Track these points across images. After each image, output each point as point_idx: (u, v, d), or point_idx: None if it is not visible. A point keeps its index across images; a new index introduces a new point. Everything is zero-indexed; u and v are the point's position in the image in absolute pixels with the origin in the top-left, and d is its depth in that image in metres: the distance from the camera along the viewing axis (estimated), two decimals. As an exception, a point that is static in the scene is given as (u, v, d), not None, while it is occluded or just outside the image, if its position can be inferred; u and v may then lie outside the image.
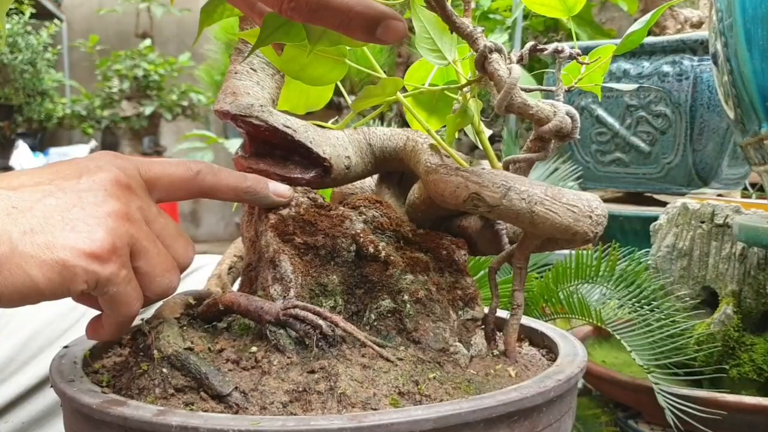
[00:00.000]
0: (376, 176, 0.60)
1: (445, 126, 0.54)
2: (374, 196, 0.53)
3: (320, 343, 0.43)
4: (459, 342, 0.48)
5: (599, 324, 0.89)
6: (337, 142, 0.53)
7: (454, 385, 0.43)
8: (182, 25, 4.40)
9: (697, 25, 1.31)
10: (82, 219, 0.38)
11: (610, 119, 1.26)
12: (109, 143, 3.90)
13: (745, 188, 1.52)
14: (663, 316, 0.88)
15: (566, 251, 1.11)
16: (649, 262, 0.99)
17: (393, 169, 0.57)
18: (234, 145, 2.66)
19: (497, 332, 0.54)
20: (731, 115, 0.72)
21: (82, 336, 0.51)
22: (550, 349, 0.55)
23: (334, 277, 0.47)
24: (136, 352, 0.45)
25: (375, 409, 0.39)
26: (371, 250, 0.48)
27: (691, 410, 0.77)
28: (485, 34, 0.45)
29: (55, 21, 3.65)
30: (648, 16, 0.48)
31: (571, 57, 0.46)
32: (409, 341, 0.46)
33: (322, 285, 0.47)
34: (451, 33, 0.45)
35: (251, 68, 0.51)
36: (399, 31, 0.38)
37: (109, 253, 0.38)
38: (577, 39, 1.56)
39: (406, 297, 0.47)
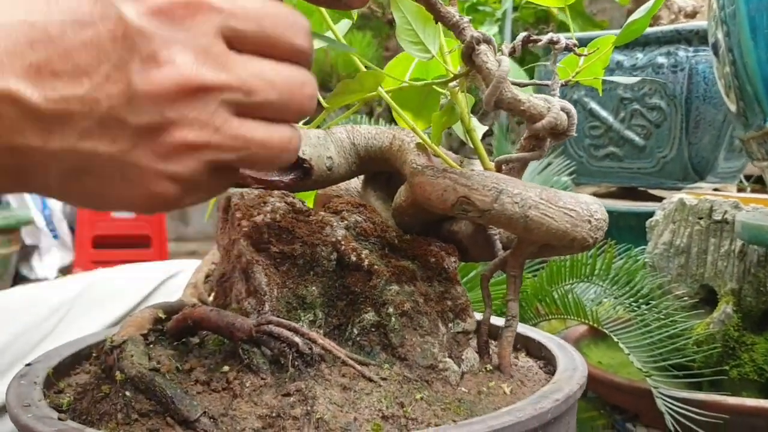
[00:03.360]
0: (362, 177, 0.57)
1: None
2: (357, 200, 0.50)
3: (296, 363, 0.39)
4: (449, 357, 0.45)
5: (595, 325, 0.86)
6: (317, 142, 0.49)
7: (443, 406, 0.40)
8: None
9: (691, 15, 1.28)
10: None
11: (603, 113, 1.23)
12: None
13: (740, 180, 1.50)
14: (661, 316, 0.86)
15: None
16: (645, 259, 0.96)
17: (378, 169, 0.54)
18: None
19: (491, 342, 0.51)
20: (733, 108, 0.69)
21: (50, 351, 0.48)
22: (548, 361, 0.52)
23: (314, 288, 0.44)
24: (99, 373, 0.41)
25: None
26: (353, 258, 0.45)
27: (690, 414, 0.74)
28: (473, 27, 0.42)
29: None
30: (649, 3, 0.45)
31: (568, 48, 0.43)
32: (394, 358, 0.43)
33: (301, 297, 0.44)
34: (436, 23, 0.42)
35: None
36: None
37: None
38: (569, 30, 1.54)
39: (390, 309, 0.44)
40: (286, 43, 0.31)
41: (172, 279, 0.78)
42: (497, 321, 0.54)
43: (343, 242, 0.45)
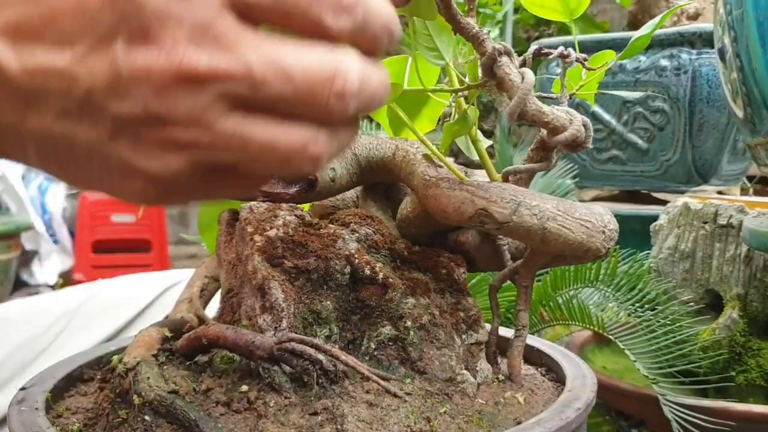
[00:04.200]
0: (358, 187, 0.56)
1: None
2: (363, 212, 0.49)
3: (321, 380, 0.39)
4: (466, 369, 0.45)
5: (601, 331, 0.85)
6: None
7: (465, 419, 0.40)
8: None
9: (694, 17, 1.27)
10: None
11: (606, 116, 1.23)
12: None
13: (743, 182, 1.49)
14: (667, 322, 0.85)
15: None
16: (650, 264, 0.96)
17: (379, 180, 0.53)
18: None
19: (497, 353, 0.51)
20: (740, 114, 0.68)
21: (43, 373, 0.47)
22: (549, 368, 0.52)
23: (328, 303, 0.43)
24: (112, 397, 0.40)
25: None
26: (367, 272, 0.44)
27: (698, 420, 0.74)
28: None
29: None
30: (657, 19, 0.45)
31: (577, 61, 0.43)
32: (413, 372, 0.43)
33: (316, 312, 0.43)
34: (455, 33, 0.42)
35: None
36: None
37: None
38: (570, 33, 1.53)
39: (408, 323, 0.43)
40: (316, 19, 0.24)
41: (170, 290, 0.78)
42: (503, 331, 0.54)
43: (356, 255, 0.45)
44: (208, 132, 0.24)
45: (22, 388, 0.44)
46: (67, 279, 2.60)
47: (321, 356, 0.39)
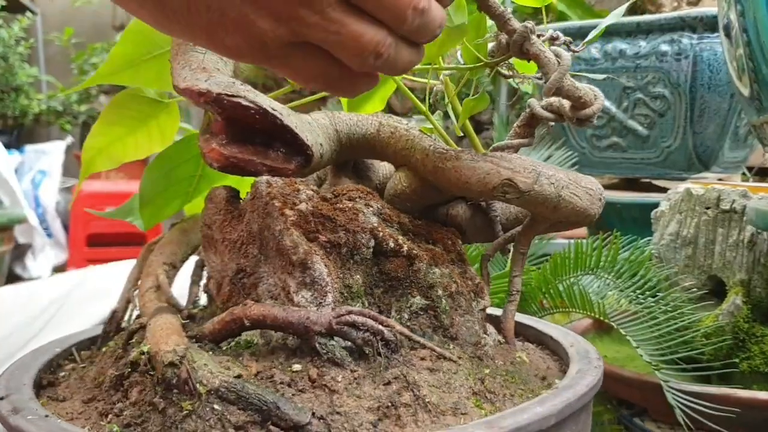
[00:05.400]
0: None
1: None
2: (363, 187, 0.48)
3: (382, 351, 0.39)
4: (485, 333, 0.47)
5: (602, 318, 0.84)
6: (311, 128, 0.47)
7: (503, 378, 0.42)
8: (161, 16, 4.30)
9: (694, 2, 1.26)
10: None
11: (606, 102, 1.21)
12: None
13: (743, 173, 1.48)
14: (669, 309, 0.83)
15: (564, 241, 1.06)
16: (651, 251, 0.94)
17: (358, 157, 0.53)
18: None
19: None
20: (745, 92, 0.67)
21: (11, 376, 0.44)
22: (525, 337, 0.56)
23: (358, 276, 0.43)
24: (160, 390, 0.36)
25: (465, 414, 0.37)
26: (392, 244, 0.44)
27: (701, 408, 0.72)
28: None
29: (28, 14, 3.54)
30: (623, 7, 0.51)
31: (564, 44, 0.47)
32: (446, 338, 0.44)
33: (348, 287, 0.43)
34: (480, 11, 0.44)
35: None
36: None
37: None
38: (568, 20, 1.51)
39: (440, 292, 0.44)
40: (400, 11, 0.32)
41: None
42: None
43: (379, 229, 0.45)
44: (319, 15, 0.30)
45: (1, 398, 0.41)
46: (60, 273, 2.57)
47: (382, 327, 0.39)
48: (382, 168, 0.55)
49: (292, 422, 0.34)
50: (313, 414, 0.35)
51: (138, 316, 0.53)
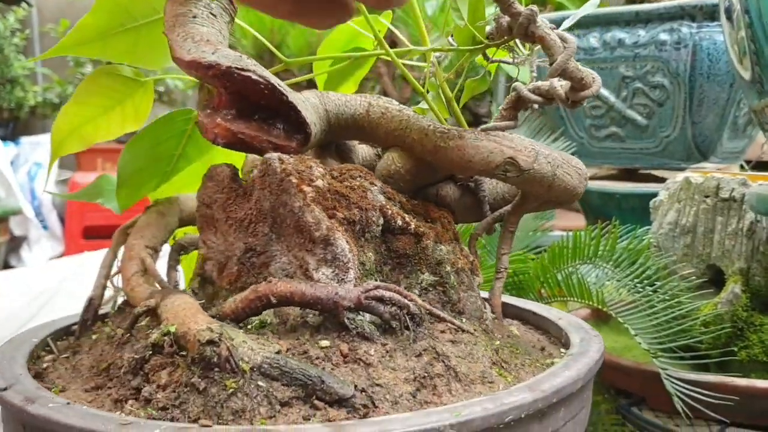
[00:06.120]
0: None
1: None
2: (359, 166, 0.47)
3: (408, 324, 0.39)
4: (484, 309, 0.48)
5: (600, 306, 0.84)
6: (305, 106, 0.47)
7: (509, 350, 0.43)
8: (158, 8, 4.28)
9: (694, -8, 1.25)
10: None
11: (604, 92, 1.20)
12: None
13: (741, 165, 1.47)
14: (667, 297, 0.83)
15: (563, 232, 1.05)
16: (650, 240, 0.94)
17: (345, 138, 0.52)
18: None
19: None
20: (747, 75, 0.66)
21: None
22: (505, 314, 0.57)
23: (370, 254, 0.44)
24: (198, 370, 0.35)
25: (492, 382, 0.38)
26: (400, 222, 0.45)
27: (700, 396, 0.72)
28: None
29: (23, 5, 3.52)
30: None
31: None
32: (454, 313, 0.45)
33: (362, 264, 0.43)
34: None
35: (210, 13, 0.44)
36: None
37: None
38: (566, 10, 1.50)
39: (448, 268, 0.45)
40: None
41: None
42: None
43: (387, 206, 0.45)
44: None
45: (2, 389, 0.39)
46: (57, 265, 2.57)
47: (408, 301, 0.39)
48: (362, 150, 0.55)
49: (336, 396, 0.34)
50: (355, 387, 0.35)
51: (124, 302, 0.52)
